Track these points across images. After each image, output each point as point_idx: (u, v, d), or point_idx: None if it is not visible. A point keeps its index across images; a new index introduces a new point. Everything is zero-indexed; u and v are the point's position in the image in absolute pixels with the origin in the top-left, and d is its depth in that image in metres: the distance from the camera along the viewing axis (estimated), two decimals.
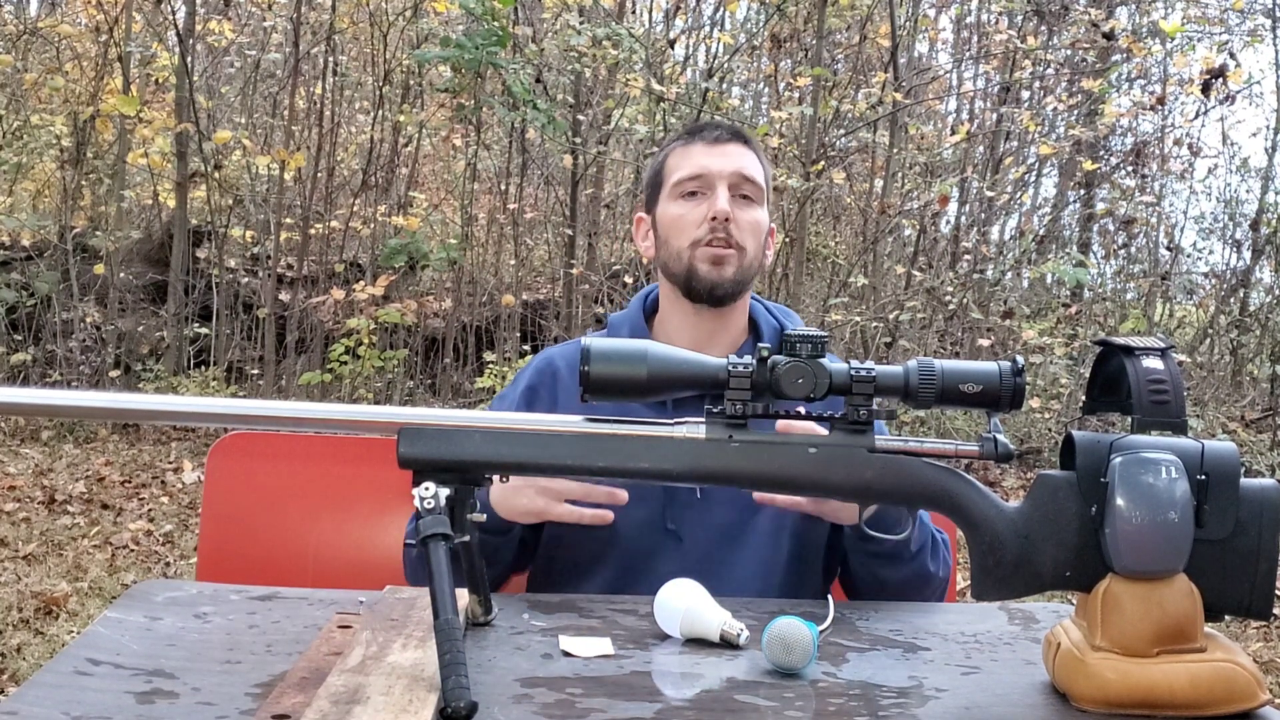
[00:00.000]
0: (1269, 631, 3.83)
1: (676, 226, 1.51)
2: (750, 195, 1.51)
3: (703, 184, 1.50)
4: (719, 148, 1.51)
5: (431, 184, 8.41)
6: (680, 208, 1.51)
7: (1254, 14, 7.79)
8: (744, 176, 1.50)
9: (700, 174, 1.50)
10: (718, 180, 1.49)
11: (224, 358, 6.86)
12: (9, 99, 7.42)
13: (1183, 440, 1.02)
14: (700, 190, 1.50)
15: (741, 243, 1.48)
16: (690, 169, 1.51)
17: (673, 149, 1.56)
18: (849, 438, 1.07)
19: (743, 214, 1.49)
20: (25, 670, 3.09)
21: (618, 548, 1.44)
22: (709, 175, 1.49)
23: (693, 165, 1.51)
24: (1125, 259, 8.06)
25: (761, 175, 1.53)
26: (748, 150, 1.53)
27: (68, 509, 4.75)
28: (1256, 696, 1.00)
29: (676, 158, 1.54)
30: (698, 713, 0.98)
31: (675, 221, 1.51)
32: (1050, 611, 1.35)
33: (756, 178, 1.51)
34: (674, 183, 1.52)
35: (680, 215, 1.50)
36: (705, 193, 1.50)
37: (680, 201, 1.51)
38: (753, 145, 1.55)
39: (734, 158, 1.51)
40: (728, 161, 1.50)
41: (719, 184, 1.49)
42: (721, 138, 1.53)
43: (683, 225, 1.50)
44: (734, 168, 1.50)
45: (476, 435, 1.05)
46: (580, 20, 6.35)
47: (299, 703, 0.93)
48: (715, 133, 1.54)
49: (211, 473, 1.66)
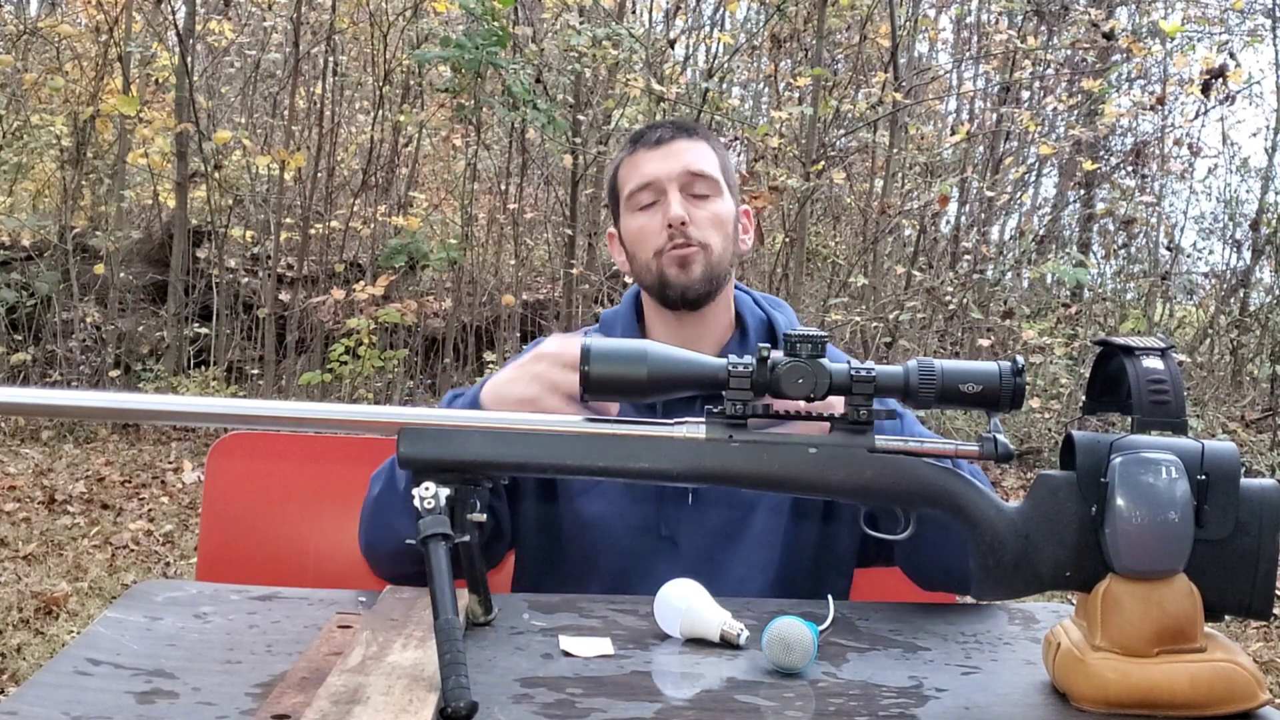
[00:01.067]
0: (1269, 631, 3.83)
1: (639, 239, 1.48)
2: (704, 191, 1.47)
3: (654, 191, 1.47)
4: (662, 149, 1.48)
5: (431, 184, 8.41)
6: (638, 220, 1.48)
7: (1254, 14, 7.79)
8: (693, 174, 1.46)
9: (649, 182, 1.47)
10: (667, 184, 1.46)
11: (224, 358, 6.86)
12: (9, 99, 7.42)
13: (1183, 440, 1.02)
14: (654, 198, 1.47)
15: (704, 240, 1.45)
16: (638, 179, 1.48)
17: (621, 161, 1.53)
18: (849, 438, 1.07)
19: (699, 211, 1.46)
20: (25, 670, 3.09)
21: (611, 554, 1.43)
22: (658, 181, 1.46)
23: (640, 175, 1.48)
24: (1125, 259, 8.06)
25: (715, 164, 1.49)
26: (694, 142, 1.49)
27: (68, 509, 4.75)
28: (1256, 696, 1.00)
29: (626, 169, 1.51)
30: (698, 713, 0.98)
31: (637, 235, 1.49)
32: (1050, 611, 1.35)
33: (707, 170, 1.48)
34: (627, 196, 1.50)
35: (640, 228, 1.48)
36: (658, 199, 1.47)
37: (637, 214, 1.48)
38: (700, 134, 1.52)
39: (679, 156, 1.47)
40: (673, 163, 1.47)
41: (669, 187, 1.46)
42: (664, 138, 1.49)
43: (644, 237, 1.47)
44: (680, 168, 1.46)
45: (476, 435, 1.05)
46: (580, 20, 6.35)
47: (299, 703, 0.93)
48: (657, 134, 1.50)
49: (211, 473, 1.66)
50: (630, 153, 1.51)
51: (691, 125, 1.53)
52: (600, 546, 1.44)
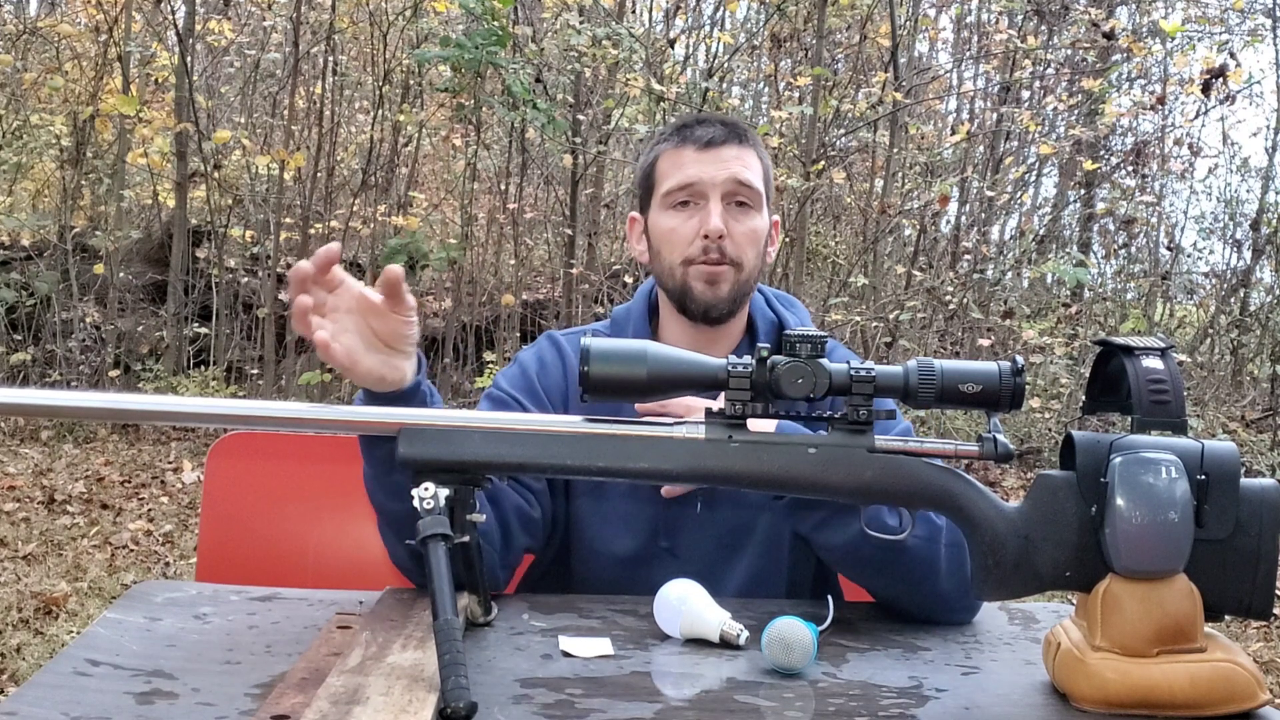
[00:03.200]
0: (1269, 631, 3.83)
1: (668, 240, 1.42)
2: (747, 201, 1.41)
3: (694, 194, 1.40)
4: (711, 153, 1.41)
5: (431, 184, 8.40)
6: (672, 219, 1.42)
7: (1254, 14, 7.79)
8: (740, 183, 1.40)
9: (692, 183, 1.40)
10: (710, 190, 1.40)
11: (224, 358, 6.86)
12: (9, 99, 7.41)
13: (1183, 440, 1.02)
14: (692, 200, 1.41)
15: (738, 257, 1.40)
16: (681, 178, 1.41)
17: (663, 150, 1.45)
18: (849, 438, 1.07)
19: (739, 225, 1.40)
20: (25, 670, 3.09)
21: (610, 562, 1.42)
22: (701, 185, 1.40)
23: (683, 174, 1.41)
24: (1125, 259, 8.06)
25: (760, 176, 1.43)
26: (744, 150, 1.43)
27: (67, 509, 4.75)
28: (1256, 696, 1.00)
29: (667, 162, 1.44)
30: (698, 713, 0.98)
31: (667, 235, 1.42)
32: (1050, 611, 1.35)
33: (754, 182, 1.41)
34: (664, 192, 1.42)
35: (672, 229, 1.41)
36: (698, 203, 1.41)
37: (671, 212, 1.42)
38: (750, 141, 1.45)
39: (728, 163, 1.41)
40: (721, 169, 1.40)
41: (712, 194, 1.39)
42: (715, 140, 1.41)
43: (675, 240, 1.41)
44: (728, 174, 1.40)
45: (476, 435, 1.05)
46: (580, 20, 6.35)
47: (299, 703, 0.93)
48: (709, 134, 1.42)
49: (211, 473, 1.66)
50: (676, 145, 1.44)
51: (743, 128, 1.46)
52: (599, 552, 1.43)
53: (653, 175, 1.46)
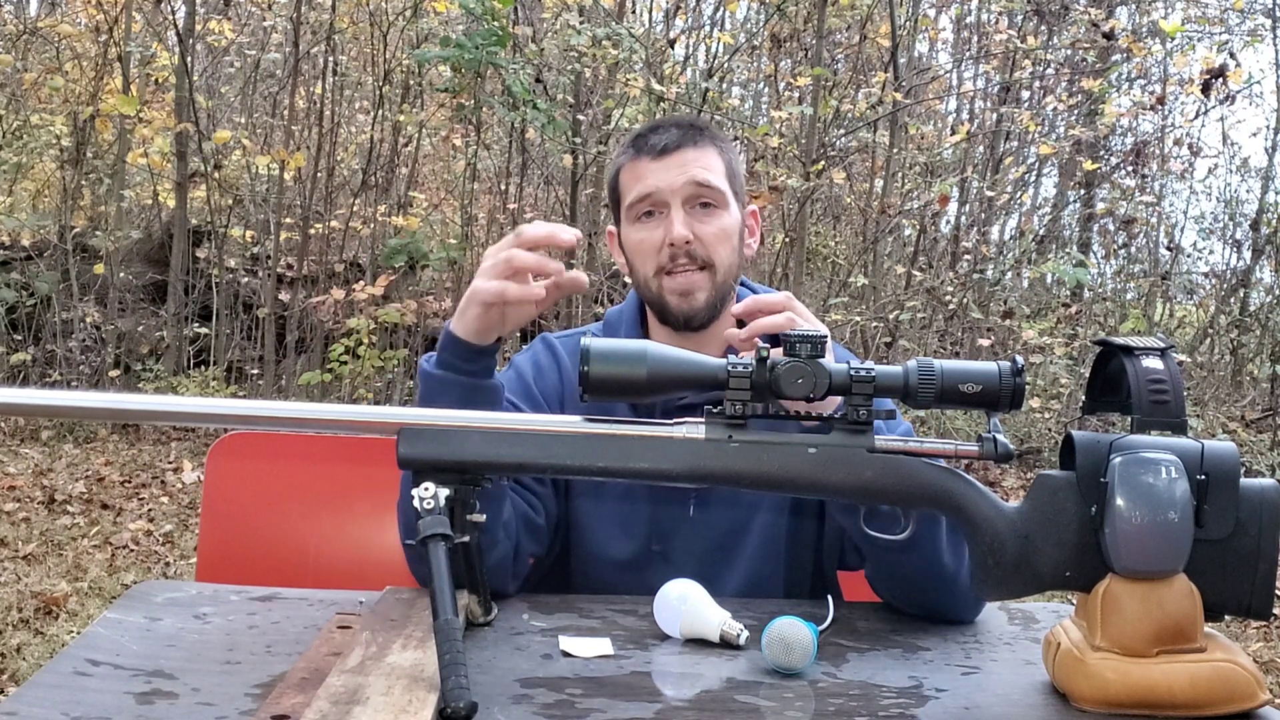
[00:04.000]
0: (1269, 631, 3.83)
1: (639, 253, 1.41)
2: (710, 201, 1.40)
3: (655, 203, 1.40)
4: (666, 159, 1.39)
5: (431, 184, 8.40)
6: (639, 232, 1.41)
7: (1254, 14, 7.80)
8: (698, 184, 1.39)
9: (650, 193, 1.39)
10: (670, 197, 1.38)
11: (224, 358, 6.86)
12: (9, 99, 7.42)
13: (1183, 440, 1.02)
14: (655, 210, 1.40)
15: (709, 259, 1.39)
16: (640, 189, 1.40)
17: (622, 163, 1.45)
18: (849, 438, 1.07)
19: (705, 226, 1.39)
20: (25, 670, 3.09)
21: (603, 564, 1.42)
22: (660, 194, 1.39)
23: (642, 185, 1.40)
24: (1125, 259, 8.06)
25: (721, 173, 1.41)
26: (701, 150, 1.41)
27: (67, 509, 4.75)
28: (1256, 696, 1.00)
29: (627, 175, 1.43)
30: (698, 713, 0.98)
31: (637, 247, 1.42)
32: (1050, 611, 1.35)
33: (713, 181, 1.40)
34: (628, 205, 1.42)
35: (640, 240, 1.41)
36: (661, 212, 1.40)
37: (638, 225, 1.41)
38: (707, 138, 1.43)
39: (685, 167, 1.39)
40: (678, 173, 1.39)
41: (673, 201, 1.38)
42: (669, 146, 1.40)
43: (643, 251, 1.41)
44: (685, 179, 1.38)
45: (476, 435, 1.05)
46: (580, 20, 6.35)
47: (299, 703, 0.93)
48: (662, 140, 1.40)
49: (211, 473, 1.66)
50: (633, 157, 1.43)
51: (698, 126, 1.45)
52: (595, 555, 1.43)
53: (617, 189, 1.46)
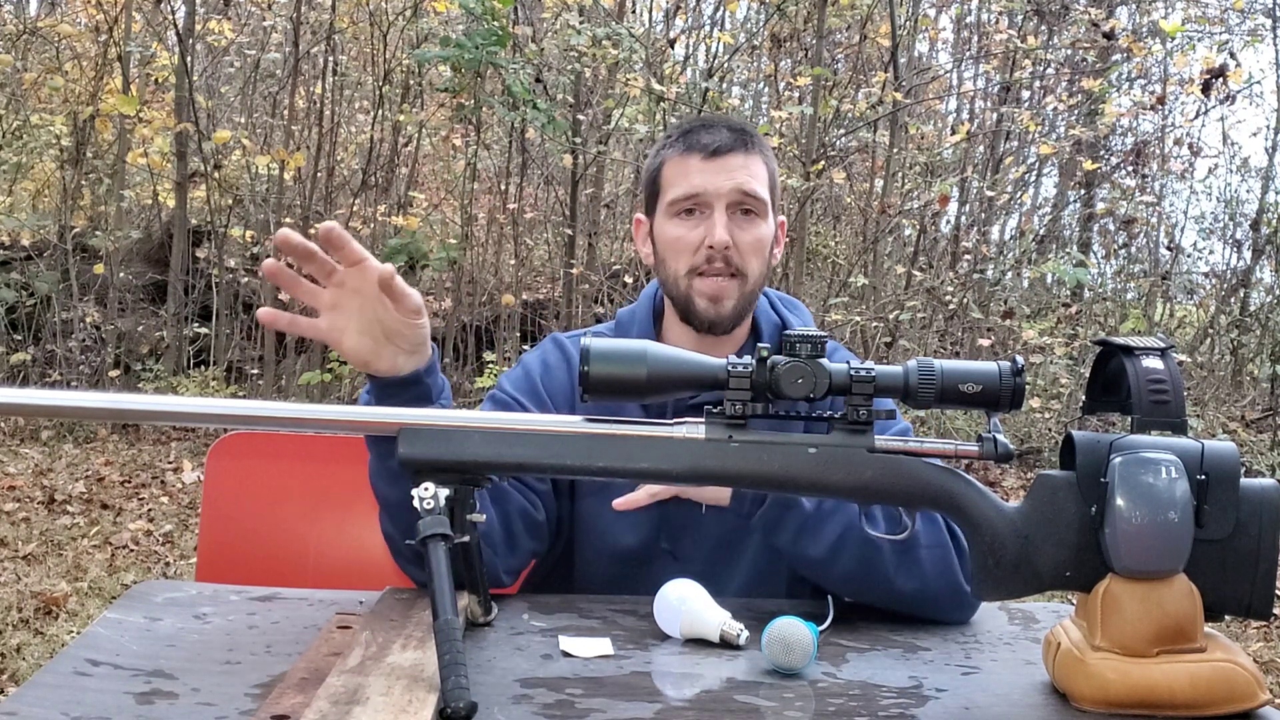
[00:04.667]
0: (1269, 631, 3.83)
1: (673, 249, 1.41)
2: (753, 209, 1.40)
3: (699, 204, 1.40)
4: (717, 162, 1.39)
5: (431, 184, 8.40)
6: (676, 228, 1.41)
7: (1254, 14, 7.79)
8: (745, 193, 1.39)
9: (697, 194, 1.39)
10: (716, 201, 1.39)
11: (224, 358, 6.86)
12: (9, 99, 7.41)
13: (1183, 440, 1.02)
14: (698, 210, 1.40)
15: (743, 268, 1.39)
16: (686, 187, 1.40)
17: (668, 156, 1.44)
18: (849, 438, 1.07)
19: (744, 234, 1.39)
20: (25, 670, 3.09)
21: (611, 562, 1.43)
22: (706, 195, 1.39)
23: (688, 184, 1.40)
24: (1125, 259, 8.06)
25: (765, 183, 1.42)
26: (750, 156, 1.41)
27: (68, 509, 4.74)
28: (1256, 696, 1.00)
29: (672, 169, 1.43)
30: (698, 713, 0.98)
31: (672, 244, 1.41)
32: (1050, 611, 1.35)
33: (759, 191, 1.40)
34: (670, 200, 1.42)
35: (677, 237, 1.41)
36: (703, 212, 1.40)
37: (676, 221, 1.41)
38: (756, 145, 1.43)
39: (734, 172, 1.39)
40: (726, 178, 1.39)
41: (717, 205, 1.39)
42: (721, 148, 1.40)
43: (679, 248, 1.40)
44: (733, 185, 1.39)
45: (476, 435, 1.05)
46: (580, 20, 6.35)
47: (299, 703, 0.93)
48: (715, 141, 1.40)
49: (211, 473, 1.66)
50: (681, 152, 1.42)
51: (749, 133, 1.44)
52: (602, 551, 1.43)
53: (658, 181, 1.45)
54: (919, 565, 1.26)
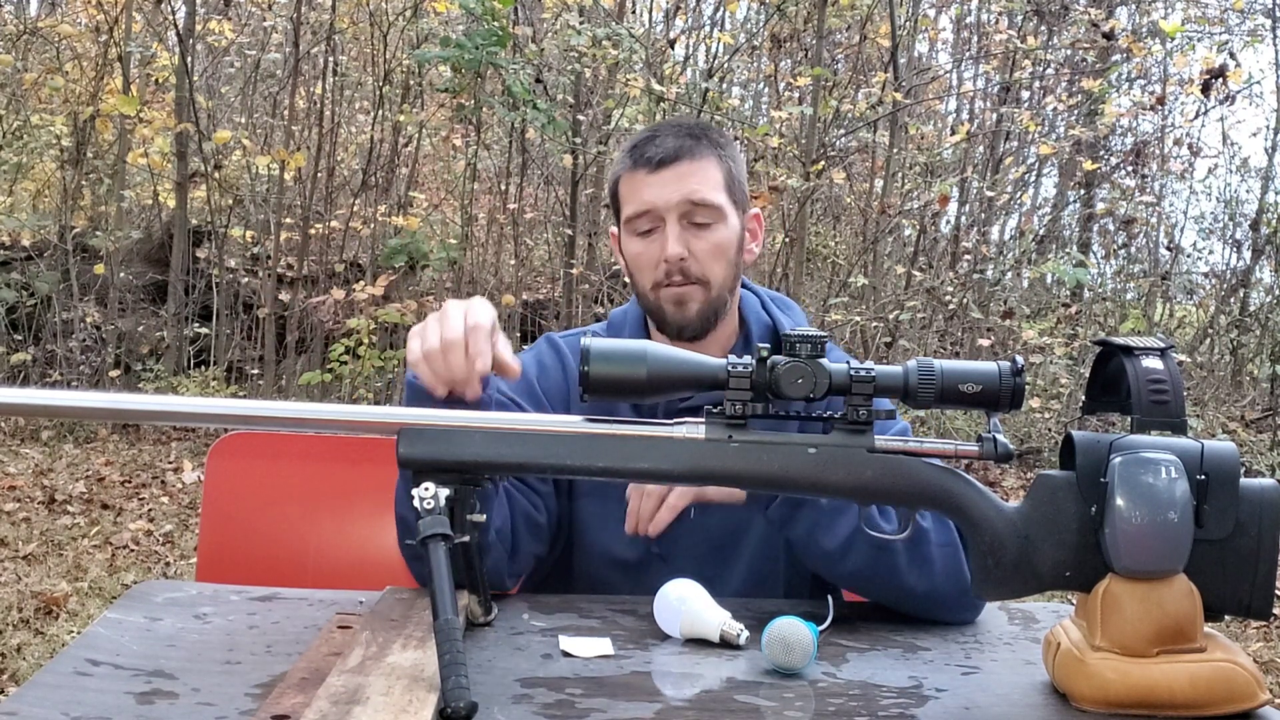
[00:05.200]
0: (1269, 631, 3.83)
1: (636, 265, 1.43)
2: (705, 220, 1.40)
3: (651, 220, 1.40)
4: (663, 173, 1.39)
5: (431, 184, 8.40)
6: (636, 245, 1.43)
7: (1254, 14, 7.80)
8: (693, 203, 1.39)
9: (646, 210, 1.40)
10: (666, 213, 1.39)
11: (224, 358, 6.86)
12: (9, 99, 7.41)
13: (1183, 440, 1.02)
14: (651, 226, 1.41)
15: (703, 275, 1.39)
16: (637, 204, 1.41)
17: (621, 172, 1.45)
18: (849, 438, 1.07)
19: (699, 243, 1.39)
20: (25, 670, 3.09)
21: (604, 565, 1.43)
22: (655, 210, 1.39)
23: (639, 201, 1.40)
24: (1125, 259, 8.06)
25: (718, 185, 1.41)
26: (697, 161, 1.40)
27: (68, 509, 4.75)
28: (1256, 696, 1.00)
29: (625, 186, 1.44)
30: (698, 713, 0.98)
31: (635, 260, 1.43)
32: (1050, 611, 1.35)
33: (710, 197, 1.39)
34: (625, 219, 1.43)
35: (637, 254, 1.43)
36: (657, 227, 1.40)
37: (636, 239, 1.43)
38: (705, 147, 1.42)
39: (680, 182, 1.39)
40: (673, 189, 1.39)
41: (669, 216, 1.39)
42: (666, 158, 1.39)
43: (641, 265, 1.42)
44: (680, 196, 1.38)
45: (476, 435, 1.05)
46: (580, 20, 6.35)
47: (299, 703, 0.93)
48: (659, 153, 1.40)
49: (211, 473, 1.66)
50: (629, 168, 1.43)
51: (696, 134, 1.43)
52: (597, 555, 1.43)
53: (617, 196, 1.47)
54: (930, 563, 1.26)
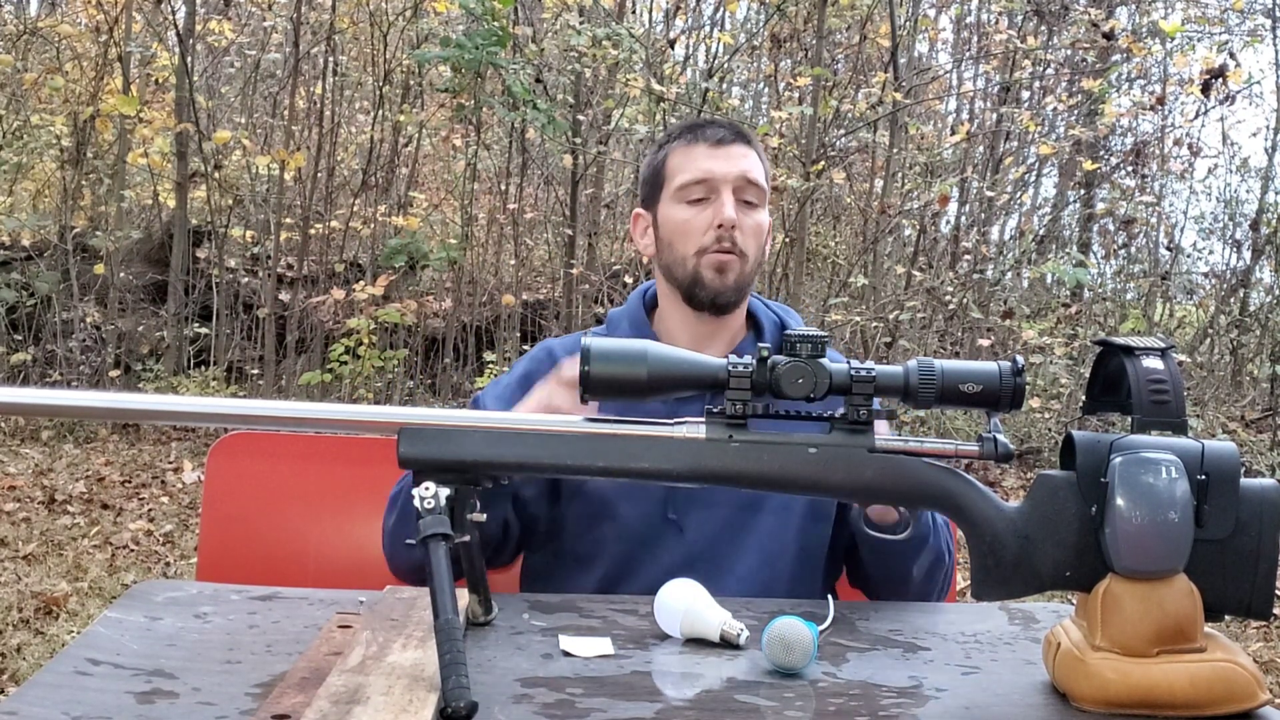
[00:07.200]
0: (1269, 631, 3.83)
1: (681, 232, 1.48)
2: (753, 199, 1.49)
3: (708, 189, 1.47)
4: (723, 150, 1.48)
5: (431, 184, 8.40)
6: (685, 212, 1.48)
7: (1254, 14, 7.80)
8: (748, 180, 1.48)
9: (705, 178, 1.47)
10: (723, 185, 1.47)
11: (224, 358, 6.86)
12: (9, 99, 7.42)
13: (1183, 440, 1.02)
14: (706, 195, 1.48)
15: (745, 249, 1.47)
16: (695, 173, 1.48)
17: (674, 148, 1.52)
18: (849, 438, 1.07)
19: (746, 219, 1.47)
20: (25, 670, 3.09)
21: (619, 538, 1.44)
22: (714, 180, 1.47)
23: (697, 169, 1.48)
24: (1125, 259, 8.06)
25: (763, 176, 1.51)
26: (750, 151, 1.51)
27: (68, 509, 4.75)
28: (1256, 696, 1.00)
29: (679, 158, 1.51)
30: (698, 713, 0.98)
31: (680, 227, 1.48)
32: (1050, 611, 1.35)
33: (760, 180, 1.49)
34: (678, 186, 1.49)
35: (685, 220, 1.48)
36: (710, 198, 1.47)
37: (684, 206, 1.48)
38: (754, 144, 1.53)
39: (738, 160, 1.48)
40: (732, 165, 1.47)
41: (724, 189, 1.46)
42: (725, 139, 1.49)
43: (688, 231, 1.47)
44: (739, 171, 1.47)
45: (477, 435, 1.05)
46: (580, 20, 6.35)
47: (299, 703, 0.93)
48: (719, 133, 1.50)
49: (211, 473, 1.66)
50: (689, 143, 1.51)
51: (747, 132, 1.54)
52: (607, 528, 1.45)
53: (663, 172, 1.52)
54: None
